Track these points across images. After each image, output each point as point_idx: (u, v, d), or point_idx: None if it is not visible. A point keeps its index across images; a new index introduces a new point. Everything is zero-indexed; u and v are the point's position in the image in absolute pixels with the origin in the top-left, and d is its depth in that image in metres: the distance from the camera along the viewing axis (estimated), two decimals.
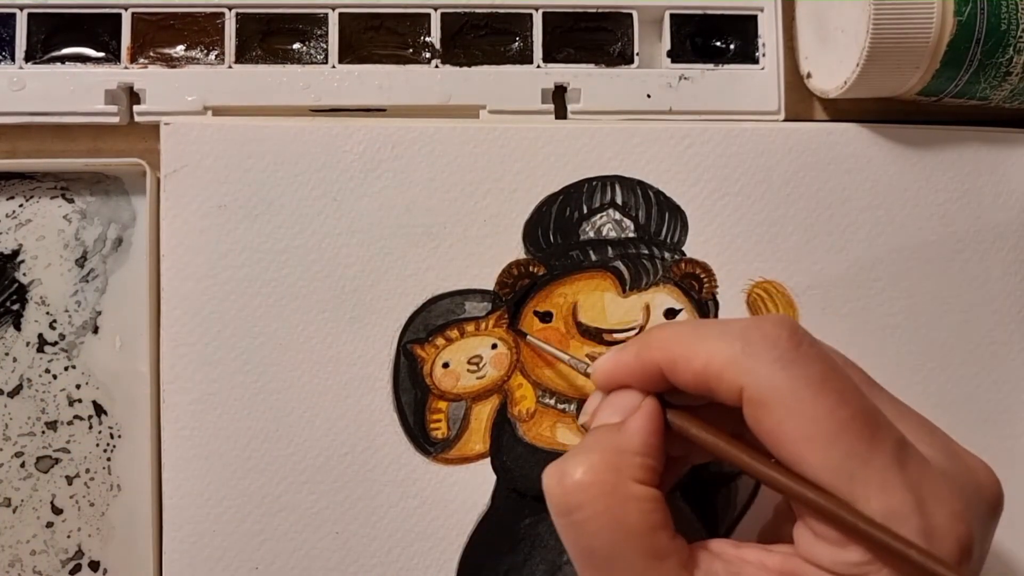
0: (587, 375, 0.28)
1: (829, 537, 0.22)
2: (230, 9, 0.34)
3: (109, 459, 0.34)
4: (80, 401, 0.34)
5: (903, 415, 0.24)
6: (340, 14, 0.34)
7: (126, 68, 0.34)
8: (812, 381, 0.22)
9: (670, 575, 0.23)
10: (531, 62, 0.34)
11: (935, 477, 0.22)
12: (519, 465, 0.33)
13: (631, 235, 0.34)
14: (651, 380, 0.25)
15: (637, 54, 0.35)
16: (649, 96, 0.35)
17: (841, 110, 0.36)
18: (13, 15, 0.34)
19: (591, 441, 0.25)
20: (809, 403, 0.22)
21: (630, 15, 0.35)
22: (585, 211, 0.33)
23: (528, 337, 0.33)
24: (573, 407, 0.33)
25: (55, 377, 0.34)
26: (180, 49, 0.34)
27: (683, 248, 0.34)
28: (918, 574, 0.21)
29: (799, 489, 0.22)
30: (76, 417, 0.34)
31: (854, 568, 0.22)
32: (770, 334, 0.23)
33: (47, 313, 0.34)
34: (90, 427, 0.34)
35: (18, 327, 0.34)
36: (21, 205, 0.34)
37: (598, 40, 0.35)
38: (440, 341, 0.33)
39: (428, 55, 0.34)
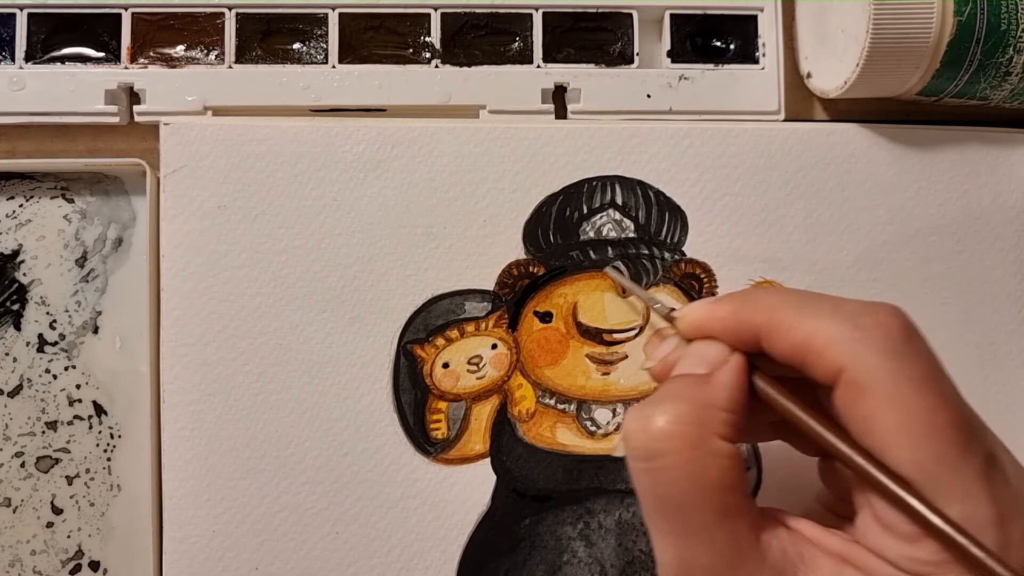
0: (669, 318, 0.27)
1: (900, 531, 0.22)
2: (230, 9, 0.34)
3: (109, 459, 0.34)
4: (80, 401, 0.34)
5: (991, 433, 0.24)
6: (340, 14, 0.34)
7: (126, 68, 0.34)
8: (916, 377, 0.22)
9: (739, 534, 0.23)
10: (531, 62, 0.34)
11: (1015, 496, 0.22)
12: (519, 465, 0.33)
13: (631, 235, 0.34)
14: (742, 340, 0.25)
15: (637, 54, 0.35)
16: (649, 96, 0.35)
17: (841, 110, 0.36)
18: (13, 15, 0.34)
19: (676, 389, 0.24)
20: (910, 398, 0.22)
21: (630, 15, 0.35)
22: (585, 211, 0.33)
23: (607, 269, 0.32)
24: (573, 407, 0.33)
25: (55, 377, 0.34)
26: (180, 49, 0.34)
27: (683, 248, 0.34)
28: None
29: (882, 476, 0.22)
30: (76, 417, 0.34)
31: (921, 565, 0.21)
32: (883, 322, 0.23)
33: (47, 313, 0.34)
34: (90, 427, 0.34)
35: (18, 327, 0.34)
36: (21, 205, 0.34)
37: (598, 40, 0.35)
38: (440, 341, 0.33)
39: (428, 55, 0.34)
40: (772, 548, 0.23)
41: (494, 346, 0.33)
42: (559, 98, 0.35)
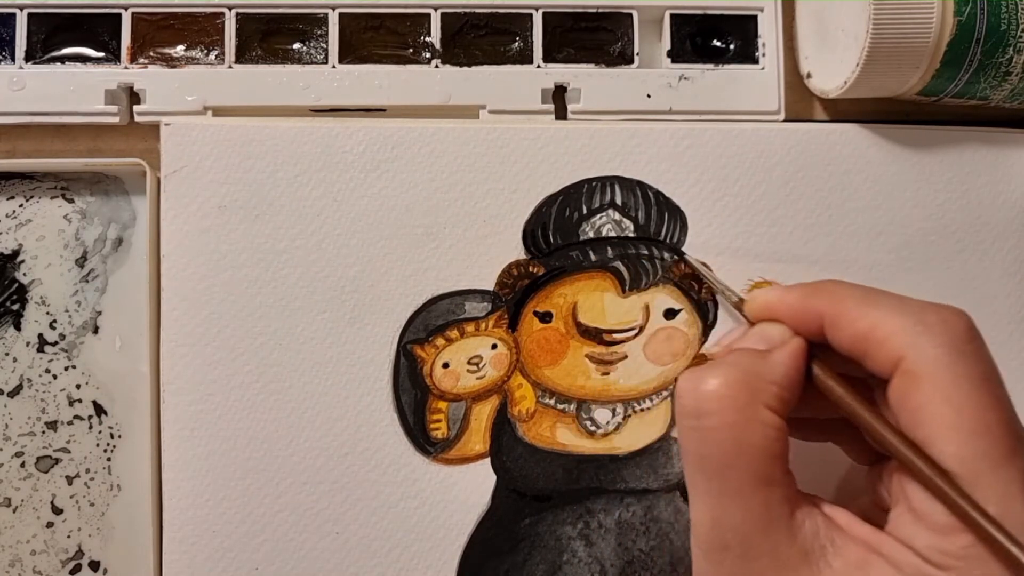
0: (739, 301, 0.28)
1: (933, 522, 0.22)
2: (230, 9, 0.34)
3: (109, 459, 0.34)
4: (80, 401, 0.34)
5: None
6: (340, 14, 0.34)
7: (126, 68, 0.34)
8: (974, 376, 0.23)
9: (774, 502, 0.23)
10: (531, 62, 0.34)
11: None
12: (519, 465, 0.33)
13: (631, 235, 0.34)
14: (806, 327, 0.26)
15: (637, 54, 0.35)
16: (649, 96, 0.35)
17: (841, 110, 0.36)
18: (13, 15, 0.34)
19: (734, 359, 0.25)
20: (965, 394, 0.22)
21: (630, 15, 0.35)
22: (585, 211, 0.33)
23: (686, 257, 0.33)
24: (573, 407, 0.33)
25: (55, 377, 0.34)
26: (180, 49, 0.34)
27: (682, 248, 0.34)
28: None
29: (926, 467, 0.22)
30: (76, 417, 0.34)
31: (948, 558, 0.22)
32: (948, 320, 0.23)
33: (47, 313, 0.34)
34: (90, 427, 0.34)
35: (18, 327, 0.34)
36: (21, 205, 0.34)
37: (598, 40, 0.35)
38: (440, 341, 0.33)
39: (428, 55, 0.34)
40: (804, 526, 0.24)
41: (494, 346, 0.33)
42: (559, 98, 0.35)
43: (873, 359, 0.24)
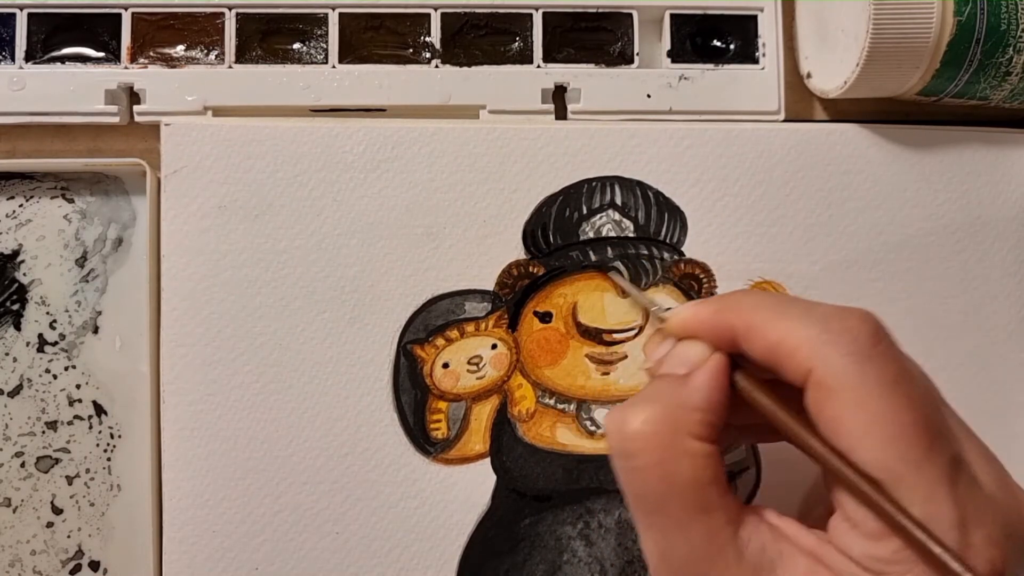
0: (661, 319, 0.28)
1: (865, 529, 0.22)
2: (230, 9, 0.34)
3: (109, 459, 0.34)
4: (80, 401, 0.34)
5: (964, 437, 0.24)
6: (340, 14, 0.34)
7: (126, 68, 0.34)
8: (883, 381, 0.22)
9: (715, 528, 0.23)
10: (531, 62, 0.34)
11: (982, 500, 0.22)
12: (519, 465, 0.33)
13: (631, 235, 0.34)
14: (723, 340, 0.25)
15: (637, 54, 0.35)
16: (649, 96, 0.35)
17: (841, 110, 0.36)
18: (13, 15, 0.34)
19: (654, 391, 0.25)
20: (875, 401, 0.22)
21: (630, 15, 0.35)
22: (585, 211, 0.33)
23: (609, 272, 0.33)
24: (573, 407, 0.33)
25: (55, 377, 0.34)
26: (180, 49, 0.34)
27: (682, 248, 0.34)
28: None
29: (850, 474, 0.22)
30: (76, 417, 0.34)
31: (882, 564, 0.22)
32: (852, 327, 0.23)
33: (47, 313, 0.34)
34: (90, 427, 0.34)
35: (18, 327, 0.34)
36: (21, 205, 0.34)
37: (598, 40, 0.35)
38: (440, 341, 0.33)
39: (428, 55, 0.34)
40: (751, 544, 0.23)
41: (494, 346, 0.33)
42: (559, 98, 0.35)
43: (785, 370, 0.24)
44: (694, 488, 0.23)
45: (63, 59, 0.34)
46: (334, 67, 0.34)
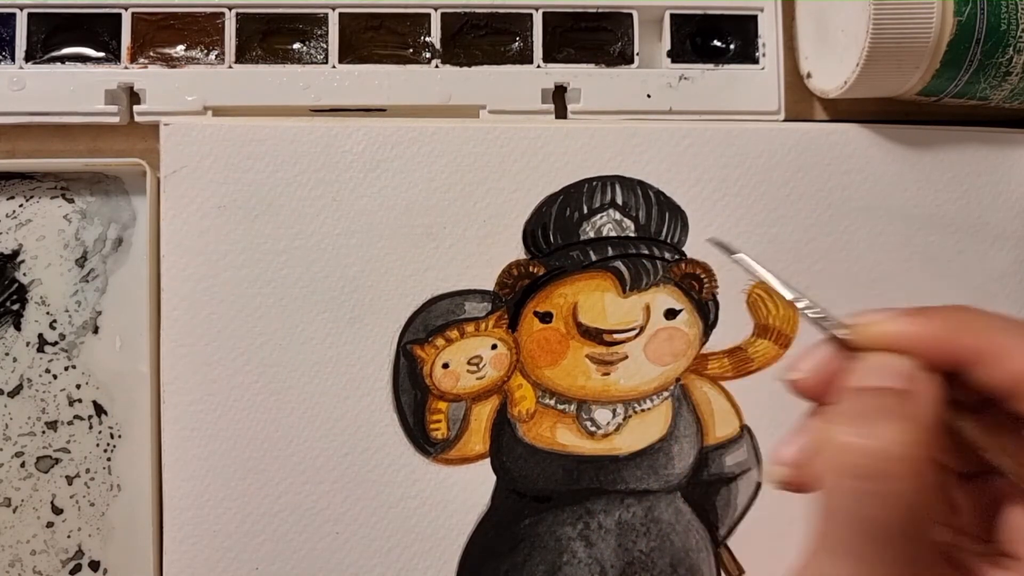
0: (836, 331, 0.24)
1: None
2: (230, 9, 0.34)
3: (109, 459, 0.34)
4: (80, 401, 0.34)
5: None
6: (340, 14, 0.34)
7: (126, 68, 0.34)
8: None
9: (929, 567, 0.21)
10: (531, 62, 0.34)
11: None
12: (519, 465, 0.33)
13: (631, 235, 0.34)
14: (938, 362, 0.22)
15: (637, 54, 0.35)
16: (649, 96, 0.35)
17: (841, 110, 0.36)
18: (13, 15, 0.34)
19: (892, 405, 0.22)
20: None
21: (630, 15, 0.35)
22: (585, 211, 0.33)
23: (736, 257, 0.27)
24: (573, 407, 0.33)
25: (55, 377, 0.34)
26: (180, 49, 0.34)
27: (683, 248, 0.34)
28: None
29: None
30: (76, 417, 0.34)
31: None
32: None
33: (47, 313, 0.34)
34: (90, 427, 0.34)
35: (18, 327, 0.34)
36: (21, 205, 0.34)
37: (598, 40, 0.35)
38: (440, 342, 0.33)
39: (428, 55, 0.34)
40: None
41: (494, 346, 0.33)
42: (559, 98, 0.35)
43: None
44: (930, 522, 0.21)
45: (63, 59, 0.34)
46: (334, 67, 0.34)
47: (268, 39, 0.34)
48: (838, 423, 0.22)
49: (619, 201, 0.34)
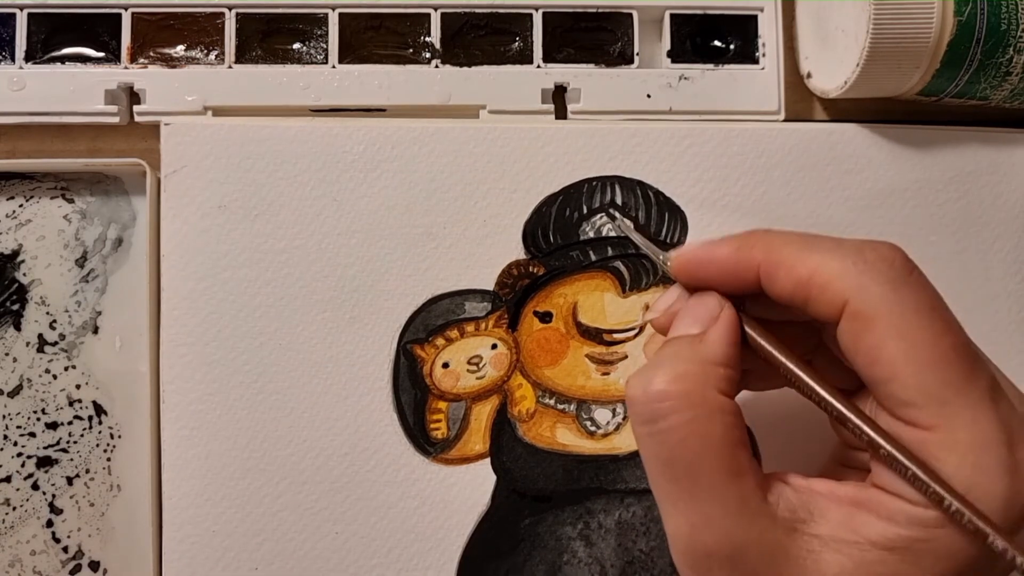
0: (664, 264, 0.27)
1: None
2: (230, 9, 0.34)
3: (109, 459, 0.34)
4: (80, 401, 0.34)
5: (989, 360, 0.24)
6: (340, 14, 0.34)
7: (126, 68, 0.34)
8: (921, 307, 0.23)
9: (748, 494, 0.23)
10: (531, 62, 0.34)
11: (1020, 419, 0.22)
12: (519, 465, 0.33)
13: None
14: (740, 281, 0.25)
15: (637, 54, 0.35)
16: (649, 96, 0.35)
17: (841, 110, 0.36)
18: (13, 15, 0.34)
19: (672, 351, 0.25)
20: (915, 326, 0.22)
21: (630, 15, 0.35)
22: (585, 211, 0.33)
23: (617, 222, 0.32)
24: (573, 407, 0.33)
25: (55, 377, 0.34)
26: (180, 49, 0.34)
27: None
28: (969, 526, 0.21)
29: (869, 429, 0.22)
30: (76, 417, 0.34)
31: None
32: (886, 256, 0.23)
33: (47, 313, 0.34)
34: (90, 427, 0.34)
35: (18, 327, 0.34)
36: (21, 205, 0.34)
37: (598, 40, 0.35)
38: (440, 341, 0.33)
39: (428, 55, 0.34)
40: (780, 505, 0.23)
41: (494, 346, 0.33)
42: (559, 98, 0.35)
43: (816, 304, 0.23)
44: (728, 448, 0.23)
45: (63, 59, 0.34)
46: (334, 67, 0.34)
47: (268, 39, 0.34)
48: (630, 378, 0.24)
49: (619, 201, 0.34)
